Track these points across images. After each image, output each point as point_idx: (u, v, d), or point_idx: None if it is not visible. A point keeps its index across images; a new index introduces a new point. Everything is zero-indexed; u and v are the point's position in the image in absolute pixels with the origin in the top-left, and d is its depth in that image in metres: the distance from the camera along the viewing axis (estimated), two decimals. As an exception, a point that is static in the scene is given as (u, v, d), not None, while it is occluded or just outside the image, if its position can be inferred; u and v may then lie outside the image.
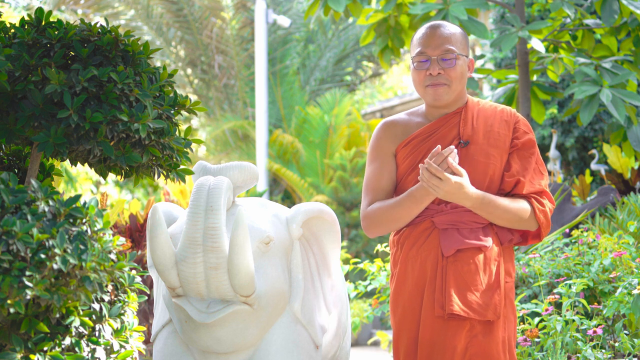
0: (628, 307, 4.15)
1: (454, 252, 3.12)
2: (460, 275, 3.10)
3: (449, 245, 3.12)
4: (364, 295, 9.87)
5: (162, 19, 16.25)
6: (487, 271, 3.12)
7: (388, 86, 23.38)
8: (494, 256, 3.15)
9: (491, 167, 3.19)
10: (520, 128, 3.25)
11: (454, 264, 3.12)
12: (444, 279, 3.11)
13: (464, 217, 3.15)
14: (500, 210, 3.13)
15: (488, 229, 3.17)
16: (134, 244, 5.83)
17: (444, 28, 3.23)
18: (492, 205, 3.12)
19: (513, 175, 3.19)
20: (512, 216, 3.15)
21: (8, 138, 2.71)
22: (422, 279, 3.16)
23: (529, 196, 3.19)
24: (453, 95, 3.21)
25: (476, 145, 3.19)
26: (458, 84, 3.20)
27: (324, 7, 6.66)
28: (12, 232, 2.34)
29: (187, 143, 2.90)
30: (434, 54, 3.18)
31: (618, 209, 6.59)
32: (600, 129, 11.48)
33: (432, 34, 3.21)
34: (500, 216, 3.14)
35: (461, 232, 3.14)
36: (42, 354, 2.49)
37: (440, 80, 3.18)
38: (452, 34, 3.21)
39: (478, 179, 3.16)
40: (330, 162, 13.28)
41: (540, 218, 3.17)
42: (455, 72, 3.19)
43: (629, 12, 6.46)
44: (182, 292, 3.02)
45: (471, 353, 3.08)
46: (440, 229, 3.16)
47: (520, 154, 3.22)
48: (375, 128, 3.33)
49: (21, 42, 2.75)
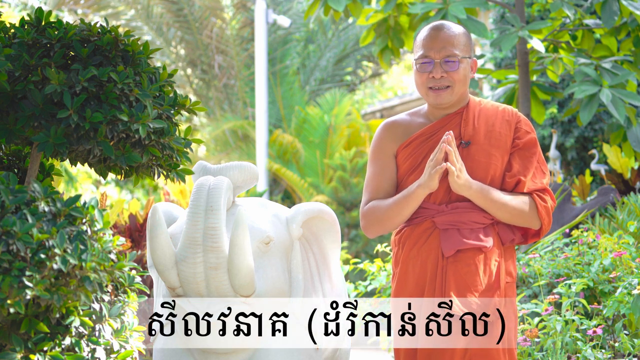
0: (628, 307, 4.15)
1: (454, 253, 3.12)
2: (461, 275, 3.10)
3: (450, 246, 3.12)
4: (364, 295, 9.85)
5: (162, 19, 16.25)
6: (487, 272, 3.12)
7: (388, 86, 23.38)
8: (495, 257, 3.14)
9: (492, 167, 3.19)
10: (522, 128, 3.24)
11: (454, 264, 3.11)
12: (444, 279, 3.11)
13: (464, 217, 3.14)
14: (501, 202, 3.12)
15: (489, 229, 3.16)
16: (134, 244, 5.83)
17: (447, 30, 3.21)
18: (492, 195, 3.12)
19: (514, 175, 3.19)
20: (513, 209, 3.14)
21: (8, 138, 2.71)
22: (423, 279, 3.15)
23: (531, 193, 3.19)
24: (455, 98, 3.21)
25: (477, 146, 3.19)
26: (461, 86, 3.20)
27: (324, 7, 6.66)
28: (12, 232, 2.34)
29: (187, 143, 2.90)
30: (437, 57, 3.17)
31: (618, 209, 6.59)
32: (600, 129, 11.48)
33: (435, 36, 3.20)
34: (500, 208, 3.13)
35: (461, 232, 3.13)
36: (42, 354, 2.49)
37: (443, 82, 3.17)
38: (455, 35, 3.20)
39: (479, 179, 3.16)
40: (330, 162, 13.27)
41: (543, 214, 3.17)
42: (459, 75, 3.18)
43: (629, 12, 6.46)
44: (182, 292, 3.02)
45: (471, 354, 3.08)
46: (440, 229, 3.15)
47: (522, 153, 3.22)
48: (377, 128, 3.33)
49: (21, 42, 2.74)
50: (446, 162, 3.07)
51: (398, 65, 22.29)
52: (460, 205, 3.15)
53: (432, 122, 3.25)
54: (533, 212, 3.17)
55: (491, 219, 3.17)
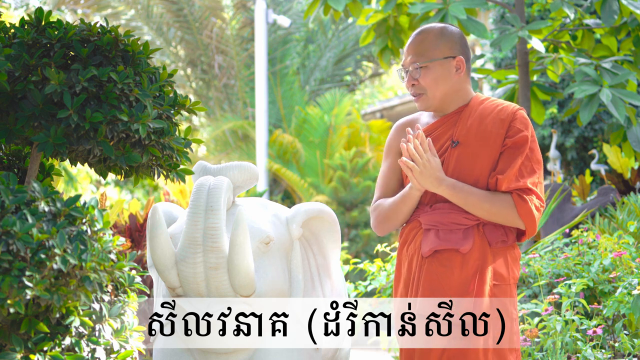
0: (628, 307, 4.15)
1: (431, 253, 3.12)
2: (436, 275, 3.09)
3: (427, 246, 3.12)
4: (364, 295, 9.85)
5: (162, 19, 16.25)
6: (463, 274, 3.08)
7: (388, 86, 23.38)
8: (475, 258, 3.09)
9: (477, 167, 3.14)
10: (515, 126, 3.15)
11: (431, 264, 3.11)
12: (419, 279, 3.12)
13: (444, 218, 3.12)
14: (475, 199, 3.08)
15: (471, 231, 3.11)
16: (134, 244, 5.83)
17: (417, 35, 3.22)
18: (465, 193, 3.08)
19: (496, 173, 3.13)
20: (490, 208, 3.08)
21: (8, 138, 2.71)
22: (409, 278, 3.17)
23: (511, 192, 3.11)
24: (436, 101, 3.19)
25: (465, 146, 3.15)
26: (435, 89, 3.17)
27: (324, 7, 6.66)
28: (12, 232, 2.34)
29: (187, 143, 2.90)
30: (406, 65, 3.21)
31: (618, 209, 6.59)
32: (600, 129, 11.48)
33: (408, 44, 3.24)
34: (476, 206, 3.08)
35: (439, 233, 3.12)
36: (42, 354, 2.49)
37: (416, 90, 3.20)
38: (422, 41, 3.19)
39: (463, 180, 3.12)
40: (330, 162, 13.27)
41: (522, 214, 3.09)
42: (426, 80, 3.16)
43: (629, 12, 6.46)
44: (182, 292, 3.02)
45: (448, 355, 3.07)
46: (424, 229, 3.16)
47: (509, 152, 3.14)
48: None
49: (21, 42, 2.75)
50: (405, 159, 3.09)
51: (398, 65, 22.26)
52: (442, 206, 3.14)
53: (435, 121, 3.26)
54: (513, 212, 3.10)
55: (476, 220, 3.11)
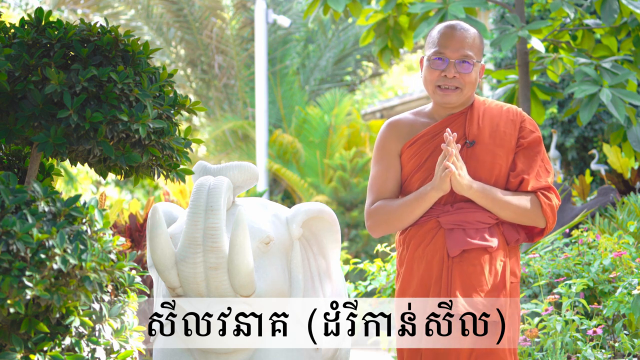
0: (628, 307, 4.15)
1: (459, 253, 3.11)
2: (467, 275, 3.09)
3: (455, 246, 3.11)
4: (364, 295, 9.85)
5: (162, 19, 16.25)
6: (492, 272, 3.11)
7: (388, 86, 23.38)
8: (500, 257, 3.14)
9: (497, 166, 3.18)
10: (527, 127, 3.23)
11: (460, 264, 3.11)
12: (450, 279, 3.11)
13: (469, 217, 3.14)
14: (503, 201, 3.12)
15: (494, 229, 3.16)
16: (134, 244, 5.83)
17: (465, 31, 3.19)
18: (494, 195, 3.11)
19: (518, 174, 3.18)
20: (516, 208, 3.13)
21: (8, 138, 2.71)
22: (428, 279, 3.15)
23: (535, 192, 3.18)
24: (463, 100, 3.20)
25: (482, 145, 3.18)
26: (470, 89, 3.19)
27: (324, 6, 6.66)
28: (12, 232, 2.34)
29: (187, 143, 2.90)
30: (453, 56, 3.15)
31: (618, 209, 6.59)
32: (600, 129, 11.48)
33: (453, 35, 3.17)
34: (503, 207, 3.12)
35: (467, 232, 3.13)
36: (42, 354, 2.49)
37: (453, 83, 3.16)
38: (472, 37, 3.18)
39: (484, 179, 3.15)
40: (330, 162, 13.27)
41: (547, 212, 3.16)
42: (470, 77, 3.17)
43: (629, 12, 6.46)
44: (182, 292, 3.02)
45: (477, 354, 3.08)
46: (446, 229, 3.15)
47: (526, 152, 3.21)
48: (381, 128, 3.31)
49: (21, 42, 2.74)
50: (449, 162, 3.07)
51: (398, 65, 22.30)
52: (465, 205, 3.15)
53: (436, 121, 3.24)
54: (537, 211, 3.16)
55: (496, 218, 3.16)
